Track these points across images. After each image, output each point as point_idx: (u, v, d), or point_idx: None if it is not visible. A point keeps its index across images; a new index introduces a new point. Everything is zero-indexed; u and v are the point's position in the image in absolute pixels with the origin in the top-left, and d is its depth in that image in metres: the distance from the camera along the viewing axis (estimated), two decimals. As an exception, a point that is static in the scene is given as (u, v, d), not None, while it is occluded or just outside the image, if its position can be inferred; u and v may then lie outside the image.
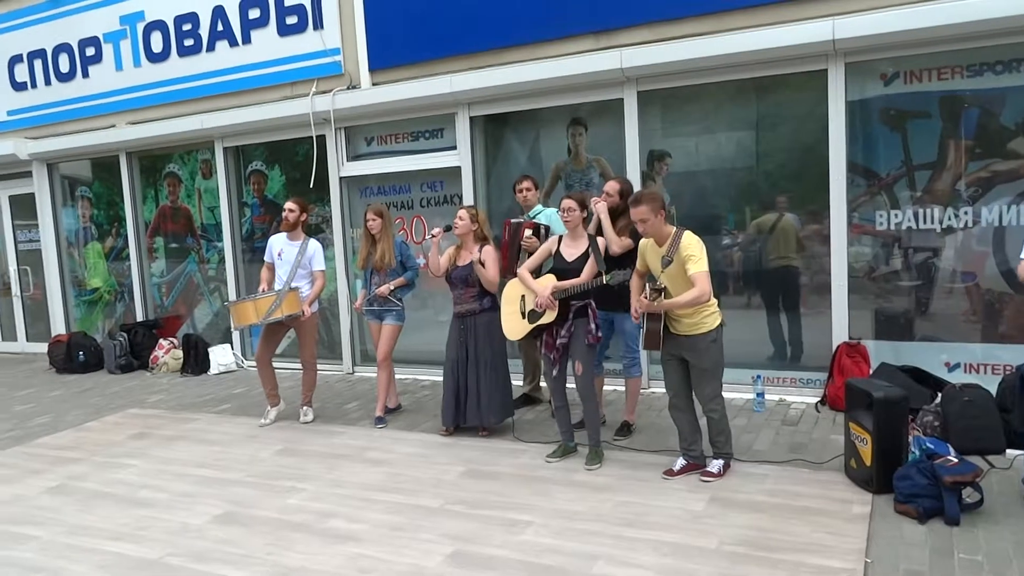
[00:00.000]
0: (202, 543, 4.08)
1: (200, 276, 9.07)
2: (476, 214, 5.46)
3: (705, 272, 4.21)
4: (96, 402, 7.45)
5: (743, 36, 5.72)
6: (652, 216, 4.27)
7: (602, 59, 6.20)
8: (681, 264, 4.26)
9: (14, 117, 9.83)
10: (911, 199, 5.68)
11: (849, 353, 5.70)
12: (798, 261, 6.10)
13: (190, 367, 8.50)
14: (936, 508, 3.83)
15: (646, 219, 4.28)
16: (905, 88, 5.63)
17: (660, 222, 4.31)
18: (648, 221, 4.28)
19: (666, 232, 4.34)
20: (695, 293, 4.19)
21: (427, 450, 5.37)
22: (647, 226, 4.31)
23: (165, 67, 8.51)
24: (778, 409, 5.84)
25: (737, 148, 6.20)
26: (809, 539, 3.71)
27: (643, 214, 4.27)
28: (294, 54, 7.69)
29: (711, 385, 4.44)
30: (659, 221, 4.30)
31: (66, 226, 10.10)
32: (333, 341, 8.20)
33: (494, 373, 5.41)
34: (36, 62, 9.46)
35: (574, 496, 4.40)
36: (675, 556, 3.62)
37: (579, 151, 6.79)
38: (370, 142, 7.72)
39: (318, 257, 6.09)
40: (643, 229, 4.35)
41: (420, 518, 4.23)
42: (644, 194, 4.39)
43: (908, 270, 5.78)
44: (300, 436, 5.89)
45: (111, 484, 5.07)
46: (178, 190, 9.06)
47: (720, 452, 4.58)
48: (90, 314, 10.06)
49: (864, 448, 4.22)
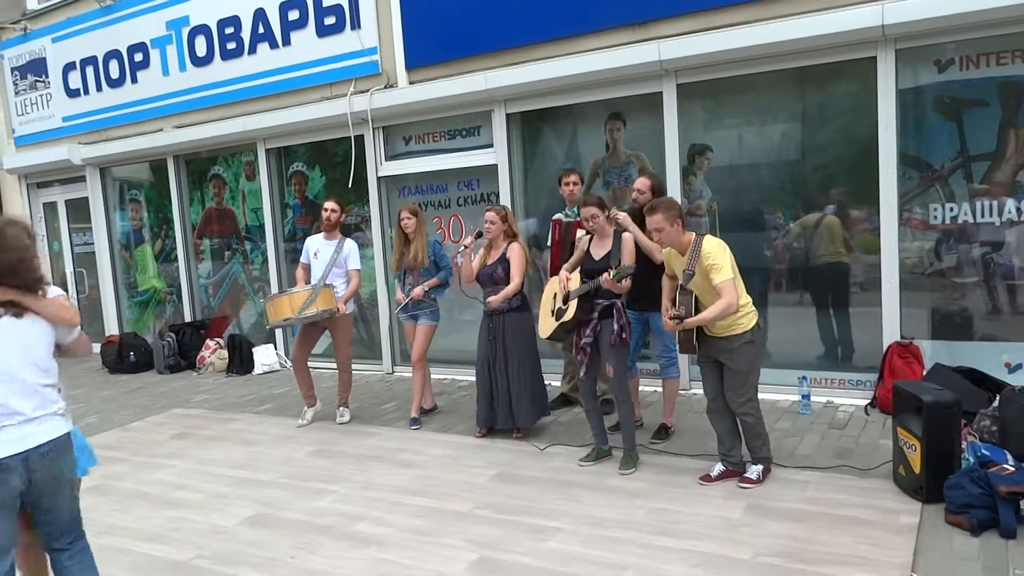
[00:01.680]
0: (231, 545, 4.08)
1: (245, 277, 9.20)
2: (505, 214, 5.39)
3: (730, 281, 4.05)
4: (143, 402, 7.60)
5: (785, 24, 5.49)
6: (668, 225, 4.14)
7: (639, 52, 6.03)
8: (704, 274, 4.11)
9: (68, 124, 10.12)
10: (968, 192, 5.37)
11: (901, 353, 5.43)
12: (846, 257, 5.84)
13: (235, 367, 8.62)
14: (990, 519, 3.59)
15: (661, 228, 4.15)
16: (961, 75, 5.33)
17: (677, 231, 4.18)
18: (664, 231, 4.15)
19: (685, 241, 4.20)
20: (722, 306, 4.03)
21: (459, 452, 5.30)
22: (663, 235, 4.18)
23: (209, 71, 8.64)
24: (825, 412, 5.60)
25: (782, 141, 5.96)
26: (851, 551, 3.52)
27: (658, 223, 4.15)
28: (332, 55, 7.71)
29: (744, 387, 4.24)
30: (676, 230, 4.17)
31: (119, 229, 10.36)
32: (373, 341, 8.20)
33: (525, 373, 5.32)
34: (88, 69, 9.72)
35: (605, 502, 4.27)
36: (705, 567, 3.46)
37: (617, 147, 6.64)
38: (408, 141, 7.70)
39: (354, 256, 6.08)
40: (659, 239, 4.22)
41: (447, 523, 4.15)
42: (660, 203, 4.25)
43: (965, 266, 5.47)
44: (335, 437, 5.88)
45: (148, 484, 5.14)
46: (223, 192, 9.19)
47: (758, 457, 4.39)
48: (142, 315, 10.31)
49: (913, 455, 3.99)
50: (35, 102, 10.50)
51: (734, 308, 4.05)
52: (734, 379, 4.24)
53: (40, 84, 10.38)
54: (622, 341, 4.59)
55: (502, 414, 5.37)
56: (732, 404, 4.29)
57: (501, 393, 5.35)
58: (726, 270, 4.06)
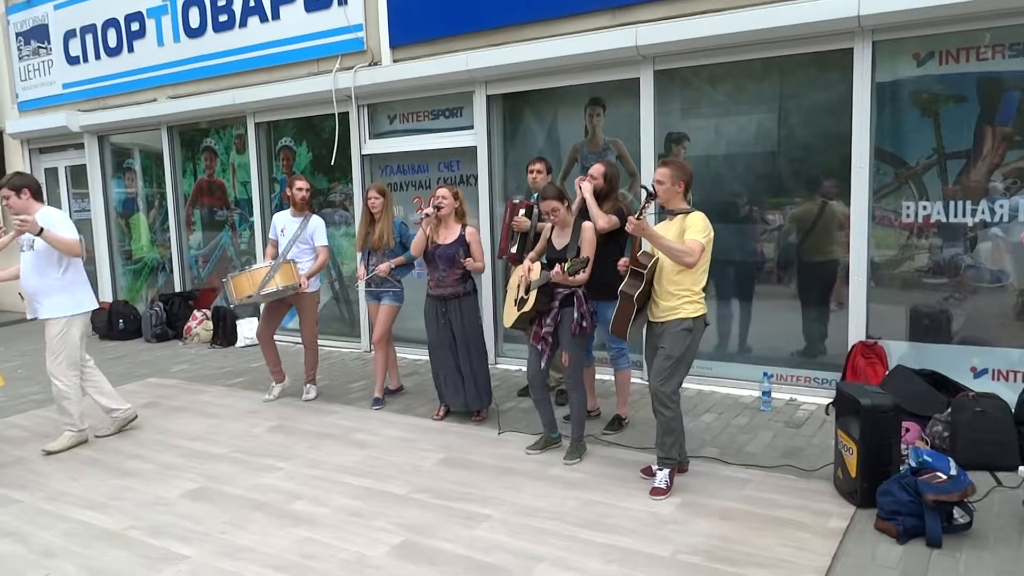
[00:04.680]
0: (166, 517, 4.13)
1: (233, 249, 9.25)
2: (457, 192, 5.36)
3: (701, 244, 3.94)
4: (122, 370, 7.69)
5: (760, 12, 5.36)
6: (669, 182, 4.05)
7: (617, 36, 5.93)
8: (680, 232, 4.01)
9: (68, 91, 10.20)
10: (942, 190, 5.24)
11: (864, 353, 5.34)
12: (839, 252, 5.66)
13: (219, 339, 8.70)
14: (917, 528, 3.54)
15: (663, 182, 4.06)
16: (940, 69, 5.18)
17: (676, 192, 4.08)
18: (664, 184, 4.06)
19: (679, 206, 4.12)
20: (681, 248, 3.91)
21: (412, 434, 5.31)
22: (661, 188, 4.07)
23: (202, 42, 8.64)
24: (786, 409, 5.54)
25: (758, 132, 5.85)
26: (772, 553, 3.48)
27: (662, 176, 4.07)
28: (319, 30, 7.67)
29: (668, 374, 4.05)
30: (674, 190, 4.08)
31: (115, 197, 10.46)
32: (353, 319, 8.23)
33: (480, 357, 5.34)
34: (88, 37, 9.76)
35: (541, 491, 4.26)
36: (622, 563, 3.44)
37: (596, 132, 6.55)
38: (392, 120, 7.66)
39: (320, 232, 6.08)
40: (658, 190, 4.10)
41: (382, 505, 4.17)
42: (675, 160, 4.20)
43: (936, 266, 5.35)
44: (296, 413, 5.92)
45: (105, 452, 5.21)
46: (214, 164, 9.23)
47: (665, 458, 4.15)
48: (135, 283, 10.42)
49: (850, 458, 3.93)
50: (37, 68, 10.58)
51: (692, 259, 3.91)
52: (662, 363, 4.06)
53: (42, 50, 10.45)
54: (582, 330, 4.54)
55: (455, 396, 5.40)
56: (652, 389, 4.11)
57: (454, 375, 5.35)
58: (701, 236, 3.95)
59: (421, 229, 5.32)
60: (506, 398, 6.07)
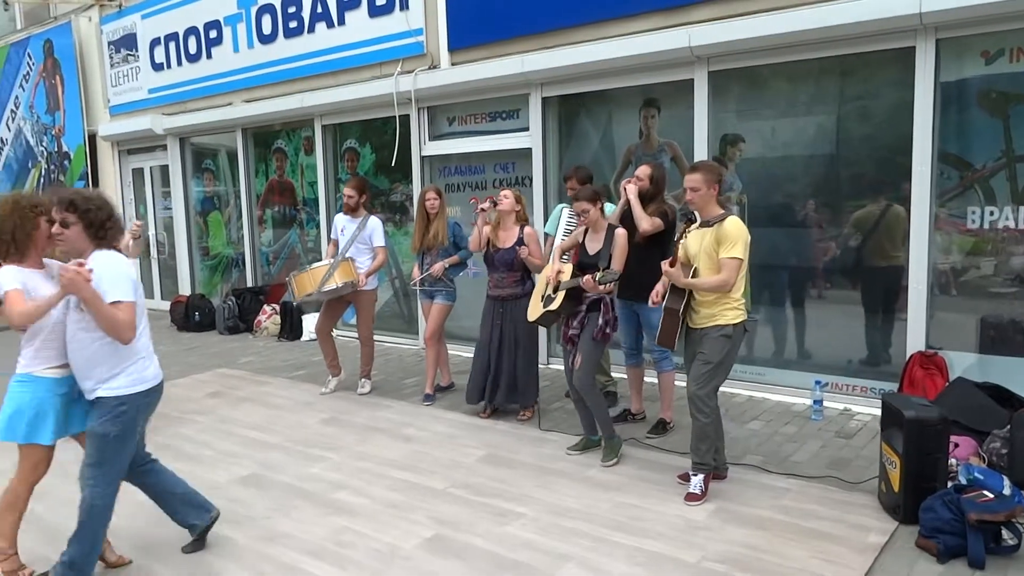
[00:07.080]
0: (217, 501, 4.30)
1: (301, 247, 9.58)
2: (519, 196, 5.44)
3: (737, 261, 3.91)
4: (195, 360, 8.09)
5: (814, 11, 5.24)
6: (704, 187, 4.00)
7: (670, 37, 5.88)
8: (715, 242, 3.96)
9: (153, 95, 10.77)
10: (1011, 194, 5.00)
11: (923, 364, 5.15)
12: (902, 258, 5.46)
13: (286, 333, 9.03)
14: (959, 547, 3.41)
15: (697, 188, 4.01)
16: (1010, 67, 4.94)
17: (711, 196, 4.03)
18: (699, 191, 4.02)
19: (714, 211, 4.06)
20: (718, 280, 3.91)
21: (458, 431, 5.41)
22: (696, 195, 4.04)
23: (274, 48, 8.99)
24: (838, 419, 5.38)
25: (816, 133, 5.70)
26: (802, 565, 3.42)
27: (696, 182, 4.02)
28: (382, 35, 7.87)
29: (706, 378, 4.01)
30: (710, 194, 4.03)
31: (195, 196, 10.99)
32: (411, 316, 8.41)
33: (528, 357, 5.42)
34: (171, 44, 10.29)
35: (576, 492, 4.28)
36: (647, 567, 3.44)
37: (651, 134, 6.51)
38: (452, 122, 7.79)
39: (377, 233, 6.25)
40: (691, 198, 4.07)
41: (420, 499, 4.28)
42: (704, 163, 4.16)
43: (1003, 275, 5.11)
44: (350, 407, 6.11)
45: (169, 437, 5.50)
46: (284, 165, 9.58)
47: (700, 463, 4.11)
48: (211, 278, 10.92)
49: (893, 472, 3.81)
50: (127, 74, 11.21)
51: (729, 287, 3.91)
52: (700, 368, 4.03)
53: (131, 58, 11.06)
54: (604, 336, 4.56)
55: (499, 394, 5.49)
56: (689, 393, 4.08)
57: (502, 374, 5.45)
58: (738, 249, 3.91)
59: (478, 224, 5.43)
60: (554, 398, 6.11)
